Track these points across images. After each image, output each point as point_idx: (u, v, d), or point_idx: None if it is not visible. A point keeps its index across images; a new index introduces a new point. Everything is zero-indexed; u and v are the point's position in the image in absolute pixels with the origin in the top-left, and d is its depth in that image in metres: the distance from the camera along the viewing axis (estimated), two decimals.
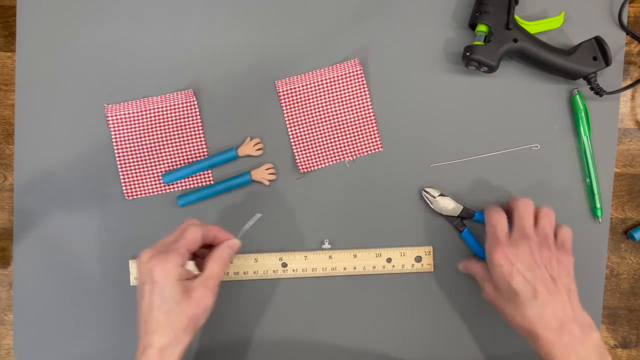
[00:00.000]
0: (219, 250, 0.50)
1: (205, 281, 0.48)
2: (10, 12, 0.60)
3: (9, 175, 0.60)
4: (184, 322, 0.46)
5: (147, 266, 0.47)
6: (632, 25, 0.61)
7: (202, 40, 0.60)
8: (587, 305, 0.60)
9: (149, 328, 0.46)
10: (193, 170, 0.58)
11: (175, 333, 0.46)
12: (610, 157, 0.60)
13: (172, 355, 0.46)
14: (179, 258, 0.47)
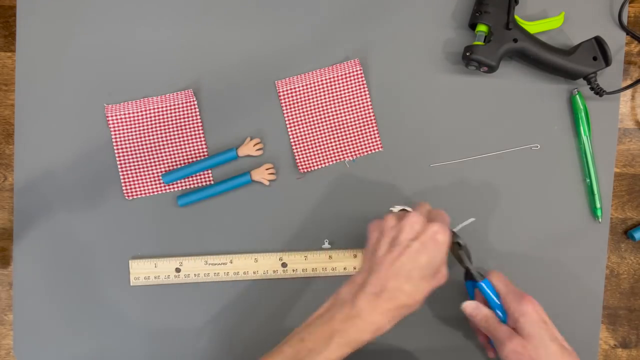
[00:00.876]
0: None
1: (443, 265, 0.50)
2: (10, 12, 0.60)
3: (9, 175, 0.60)
4: (426, 291, 0.48)
5: (425, 227, 0.49)
6: (632, 25, 0.61)
7: (202, 40, 0.60)
8: (587, 305, 0.60)
9: (398, 287, 0.47)
10: (193, 170, 0.58)
11: (415, 298, 0.48)
12: (610, 157, 0.60)
13: (398, 317, 0.48)
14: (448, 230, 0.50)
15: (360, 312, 0.46)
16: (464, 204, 0.59)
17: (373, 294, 0.46)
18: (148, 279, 0.59)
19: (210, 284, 0.59)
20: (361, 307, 0.46)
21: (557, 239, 0.60)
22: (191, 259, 0.59)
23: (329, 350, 0.45)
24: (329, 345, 0.45)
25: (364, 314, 0.46)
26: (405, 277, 0.47)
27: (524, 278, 0.59)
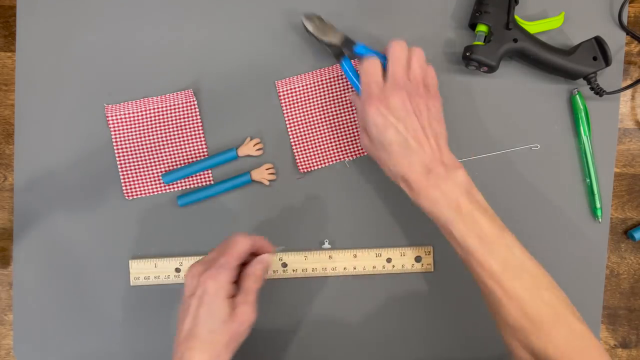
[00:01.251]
0: (251, 267, 0.49)
1: (246, 297, 0.47)
2: (10, 12, 0.60)
3: (9, 175, 0.60)
4: (226, 339, 0.46)
5: (197, 281, 0.46)
6: (632, 25, 0.61)
7: (202, 40, 0.60)
8: (587, 305, 0.60)
9: (191, 344, 0.45)
10: (193, 170, 0.58)
11: (217, 351, 0.45)
12: (610, 157, 0.60)
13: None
14: (230, 273, 0.47)
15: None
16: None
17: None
18: (148, 279, 0.59)
19: None
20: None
21: (557, 239, 0.60)
22: (191, 259, 0.59)
23: None
24: None
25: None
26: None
27: None
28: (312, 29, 0.56)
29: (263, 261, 0.50)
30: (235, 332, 0.46)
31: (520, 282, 0.46)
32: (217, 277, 0.46)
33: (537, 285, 0.46)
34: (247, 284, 0.48)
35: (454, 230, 0.47)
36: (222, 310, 0.46)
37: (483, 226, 0.47)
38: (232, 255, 0.47)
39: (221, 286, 0.46)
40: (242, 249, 0.48)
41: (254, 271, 0.49)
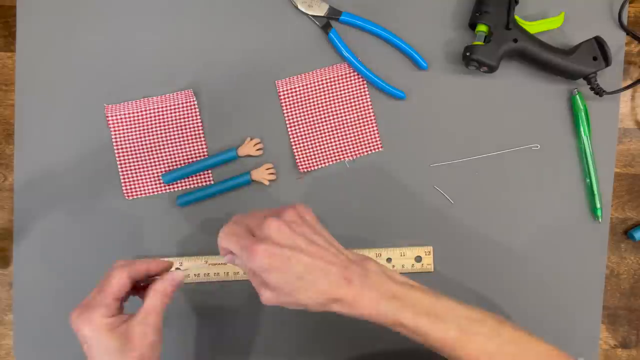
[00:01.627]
0: (159, 283, 0.47)
1: (144, 318, 0.45)
2: (10, 12, 0.60)
3: (9, 175, 0.60)
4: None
5: (75, 325, 0.44)
6: (632, 25, 0.61)
7: (202, 40, 0.60)
8: (587, 305, 0.60)
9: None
10: (193, 170, 0.58)
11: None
12: (610, 157, 0.60)
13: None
14: (104, 309, 0.44)
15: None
16: (464, 204, 0.59)
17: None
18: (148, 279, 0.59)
19: (210, 284, 0.59)
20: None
21: (557, 239, 0.60)
22: (191, 259, 0.59)
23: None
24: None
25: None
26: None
27: (523, 278, 0.59)
28: (299, 2, 0.57)
29: (174, 280, 0.48)
30: (138, 357, 0.44)
31: (480, 336, 0.44)
32: (91, 319, 0.44)
33: (493, 329, 0.44)
34: (151, 302, 0.46)
35: (404, 321, 0.43)
36: (112, 345, 0.43)
37: (422, 301, 0.44)
38: (106, 292, 0.45)
39: (98, 326, 0.44)
40: (117, 284, 0.45)
41: (161, 288, 0.47)
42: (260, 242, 0.42)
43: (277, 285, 0.42)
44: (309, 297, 0.43)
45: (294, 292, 0.43)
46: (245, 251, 0.43)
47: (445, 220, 0.59)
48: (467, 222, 0.59)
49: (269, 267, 0.42)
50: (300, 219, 0.45)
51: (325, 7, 0.59)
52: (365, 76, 0.59)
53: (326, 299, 0.43)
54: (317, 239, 0.44)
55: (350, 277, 0.43)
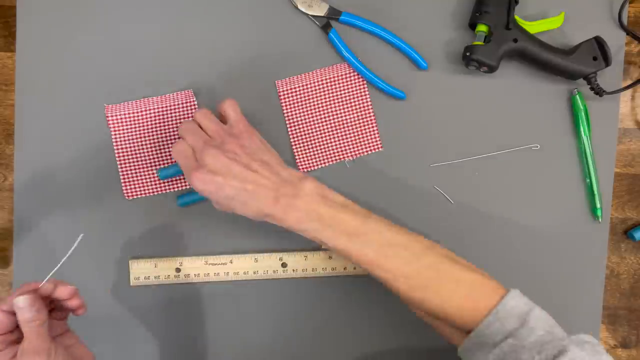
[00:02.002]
0: (17, 314, 0.43)
1: (24, 347, 0.42)
2: (10, 12, 0.60)
3: (9, 175, 0.60)
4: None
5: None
6: (632, 25, 0.61)
7: (202, 40, 0.60)
8: (587, 305, 0.60)
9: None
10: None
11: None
12: (610, 157, 0.60)
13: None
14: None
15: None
16: (464, 204, 0.59)
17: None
18: (148, 279, 0.59)
19: (210, 284, 0.59)
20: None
21: (557, 239, 0.60)
22: (191, 259, 0.59)
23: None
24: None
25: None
26: None
27: (523, 278, 0.59)
28: (299, 2, 0.57)
29: (20, 307, 0.43)
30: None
31: (398, 259, 0.47)
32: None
33: (414, 254, 0.47)
34: (24, 330, 0.43)
35: (323, 239, 0.47)
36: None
37: (347, 223, 0.47)
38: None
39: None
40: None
41: (21, 318, 0.43)
42: (197, 168, 0.48)
43: (216, 202, 0.49)
44: (244, 212, 0.49)
45: (230, 208, 0.49)
46: (187, 174, 0.49)
47: (445, 220, 0.59)
48: (467, 222, 0.59)
49: (203, 191, 0.48)
50: (240, 148, 0.49)
51: (325, 7, 0.59)
52: (365, 76, 0.59)
53: (257, 214, 0.48)
54: (252, 164, 0.48)
55: (278, 198, 0.48)
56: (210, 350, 0.59)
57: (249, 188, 0.48)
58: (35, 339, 0.42)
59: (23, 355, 0.42)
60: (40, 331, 0.43)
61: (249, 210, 0.48)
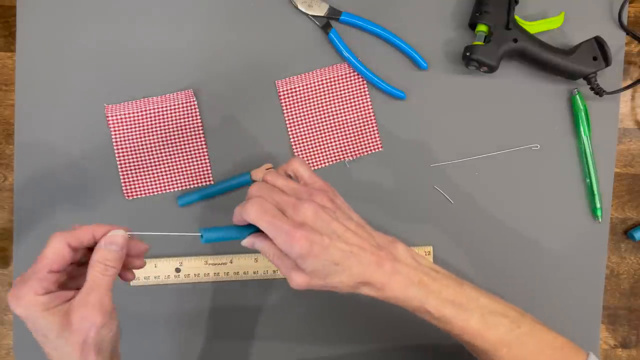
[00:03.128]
0: (96, 252, 0.40)
1: (86, 297, 0.39)
2: (10, 12, 0.60)
3: (9, 175, 0.60)
4: (77, 352, 0.38)
5: (11, 308, 0.39)
6: (632, 25, 0.61)
7: (202, 40, 0.60)
8: (587, 305, 0.60)
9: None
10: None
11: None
12: (610, 157, 0.60)
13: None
14: (36, 284, 0.38)
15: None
16: (464, 204, 0.59)
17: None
18: (148, 279, 0.59)
19: (210, 284, 0.59)
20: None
21: (557, 239, 0.60)
22: (191, 259, 0.59)
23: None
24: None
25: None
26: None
27: (523, 277, 0.59)
28: (299, 2, 0.57)
29: (112, 242, 0.40)
30: (81, 342, 0.38)
31: (500, 327, 0.44)
32: (20, 297, 0.38)
33: (513, 321, 0.45)
34: (91, 276, 0.39)
35: (429, 307, 0.43)
36: (48, 327, 0.38)
37: (447, 290, 0.44)
38: (39, 264, 0.39)
39: (29, 304, 0.38)
40: (53, 254, 0.39)
41: (101, 258, 0.40)
42: (299, 227, 0.41)
43: (312, 270, 0.42)
44: (341, 281, 0.43)
45: (327, 277, 0.42)
46: (282, 234, 0.41)
47: (445, 220, 0.59)
48: (467, 222, 0.59)
49: (309, 254, 0.41)
50: (332, 203, 0.44)
51: (325, 7, 0.59)
52: (365, 76, 0.59)
53: (358, 283, 0.43)
54: (349, 224, 0.44)
55: (381, 263, 0.43)
56: (210, 350, 0.59)
57: (355, 251, 0.42)
58: (100, 289, 0.39)
59: (82, 307, 0.38)
60: (109, 283, 0.40)
61: (348, 278, 0.42)
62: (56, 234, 0.40)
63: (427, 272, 0.44)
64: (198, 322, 0.59)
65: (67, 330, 0.38)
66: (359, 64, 0.58)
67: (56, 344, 0.39)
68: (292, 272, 0.43)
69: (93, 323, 0.38)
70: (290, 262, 0.43)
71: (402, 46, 0.59)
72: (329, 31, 0.58)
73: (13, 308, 0.39)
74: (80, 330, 0.38)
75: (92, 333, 0.38)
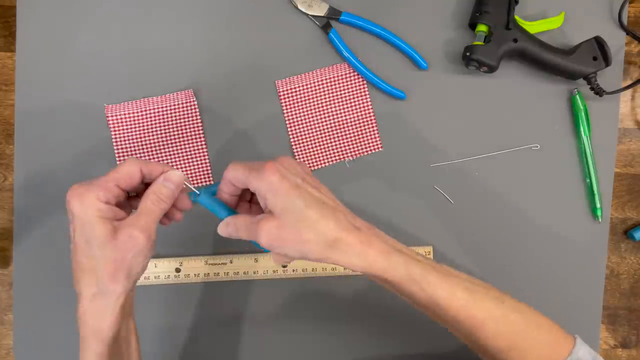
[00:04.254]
0: (154, 185, 0.42)
1: (136, 219, 0.41)
2: (10, 12, 0.60)
3: (9, 175, 0.60)
4: (110, 267, 0.40)
5: (67, 197, 0.40)
6: (632, 25, 0.61)
7: (202, 40, 0.60)
8: (587, 305, 0.60)
9: (77, 275, 0.41)
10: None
11: (102, 281, 0.40)
12: (610, 157, 0.60)
13: (106, 306, 0.41)
14: (101, 191, 0.40)
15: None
16: (464, 204, 0.59)
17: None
18: (148, 279, 0.59)
19: (210, 284, 0.59)
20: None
21: (557, 239, 0.60)
22: (191, 259, 0.59)
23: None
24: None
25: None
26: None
27: (523, 278, 0.59)
28: (299, 2, 0.58)
29: (170, 179, 0.43)
30: (119, 259, 0.40)
31: (487, 301, 0.42)
32: (84, 195, 0.39)
33: (497, 297, 0.43)
34: (144, 203, 0.42)
35: (415, 276, 0.40)
36: (94, 234, 0.39)
37: (430, 263, 0.42)
38: (110, 175, 0.41)
39: (89, 205, 0.39)
40: (125, 171, 0.41)
41: (156, 190, 0.42)
42: (271, 162, 0.40)
43: (282, 211, 0.39)
44: (315, 232, 0.39)
45: (298, 225, 0.39)
46: (254, 171, 0.40)
47: (445, 220, 0.59)
48: (467, 222, 0.59)
49: (279, 186, 0.39)
50: (300, 166, 0.42)
51: (325, 7, 0.59)
52: (365, 76, 0.59)
53: (332, 239, 0.39)
54: (320, 185, 0.42)
55: (357, 225, 0.41)
56: (210, 349, 0.59)
57: (329, 203, 0.40)
58: (150, 216, 0.41)
59: (130, 226, 0.40)
60: (158, 215, 0.42)
61: (322, 230, 0.39)
62: (133, 158, 0.42)
63: (400, 244, 0.42)
64: (198, 322, 0.59)
65: (111, 243, 0.40)
66: (359, 64, 0.58)
67: (94, 253, 0.40)
68: (261, 222, 0.40)
69: (136, 243, 0.40)
70: (259, 216, 0.41)
71: (402, 46, 0.59)
72: (329, 31, 0.58)
73: (72, 205, 0.40)
74: (122, 246, 0.40)
75: (132, 253, 0.40)
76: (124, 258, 0.40)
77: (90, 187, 0.40)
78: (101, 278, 0.40)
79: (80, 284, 0.41)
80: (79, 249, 0.40)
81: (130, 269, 0.41)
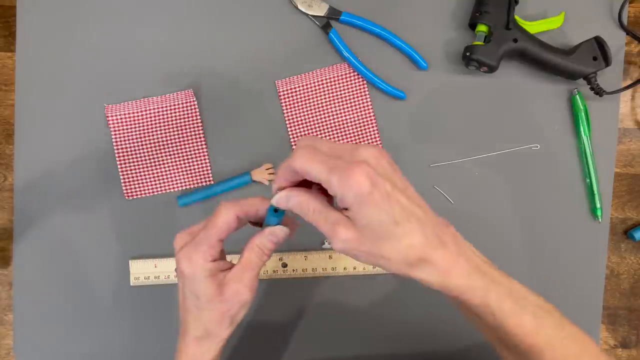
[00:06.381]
0: (258, 238, 0.42)
1: (241, 274, 0.42)
2: (10, 12, 0.60)
3: (9, 175, 0.60)
4: (217, 318, 0.42)
5: (176, 257, 0.42)
6: (632, 25, 0.61)
7: (202, 40, 0.60)
8: (587, 305, 0.60)
9: (185, 318, 0.44)
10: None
11: (208, 328, 0.42)
12: (610, 157, 0.60)
13: (209, 347, 0.43)
14: (207, 251, 0.41)
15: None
16: (464, 204, 0.59)
17: None
18: (148, 279, 0.59)
19: None
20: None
21: (557, 239, 0.60)
22: None
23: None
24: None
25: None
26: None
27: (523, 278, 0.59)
28: (299, 2, 0.58)
29: (275, 236, 0.42)
30: (224, 311, 0.42)
31: (551, 328, 0.40)
32: (191, 258, 0.41)
33: (558, 322, 0.41)
34: (248, 255, 0.42)
35: (490, 301, 0.37)
36: (204, 292, 0.41)
37: (503, 282, 0.39)
38: (211, 231, 0.41)
39: (196, 266, 0.41)
40: (224, 223, 0.41)
41: (260, 244, 0.42)
42: (359, 164, 0.34)
43: (367, 224, 0.35)
44: (397, 251, 0.35)
45: (382, 240, 0.35)
46: (337, 172, 0.34)
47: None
48: (467, 222, 0.59)
49: (369, 197, 0.34)
50: (386, 161, 0.37)
51: (325, 7, 0.59)
52: (365, 76, 0.59)
53: (416, 258, 0.36)
54: (408, 184, 0.37)
55: (444, 240, 0.36)
56: None
57: (418, 213, 0.36)
58: (254, 270, 0.42)
59: (237, 282, 0.42)
60: (260, 266, 0.43)
61: (406, 248, 0.35)
62: (226, 204, 0.42)
63: (483, 260, 0.38)
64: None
65: (218, 298, 0.41)
66: (359, 64, 0.58)
67: (202, 305, 0.42)
68: (339, 227, 0.36)
69: (241, 298, 0.42)
70: (336, 216, 0.36)
71: (402, 46, 0.59)
72: (329, 31, 0.58)
73: (182, 267, 0.41)
74: (229, 301, 0.42)
75: (237, 306, 0.42)
76: (230, 309, 0.42)
77: (197, 249, 0.41)
78: (208, 325, 0.43)
79: (187, 325, 0.43)
80: (188, 299, 0.43)
81: (234, 318, 0.43)
